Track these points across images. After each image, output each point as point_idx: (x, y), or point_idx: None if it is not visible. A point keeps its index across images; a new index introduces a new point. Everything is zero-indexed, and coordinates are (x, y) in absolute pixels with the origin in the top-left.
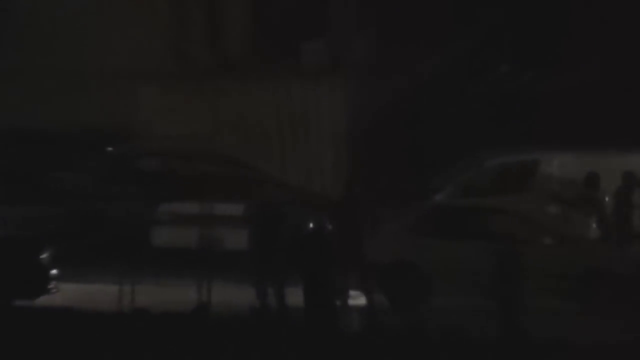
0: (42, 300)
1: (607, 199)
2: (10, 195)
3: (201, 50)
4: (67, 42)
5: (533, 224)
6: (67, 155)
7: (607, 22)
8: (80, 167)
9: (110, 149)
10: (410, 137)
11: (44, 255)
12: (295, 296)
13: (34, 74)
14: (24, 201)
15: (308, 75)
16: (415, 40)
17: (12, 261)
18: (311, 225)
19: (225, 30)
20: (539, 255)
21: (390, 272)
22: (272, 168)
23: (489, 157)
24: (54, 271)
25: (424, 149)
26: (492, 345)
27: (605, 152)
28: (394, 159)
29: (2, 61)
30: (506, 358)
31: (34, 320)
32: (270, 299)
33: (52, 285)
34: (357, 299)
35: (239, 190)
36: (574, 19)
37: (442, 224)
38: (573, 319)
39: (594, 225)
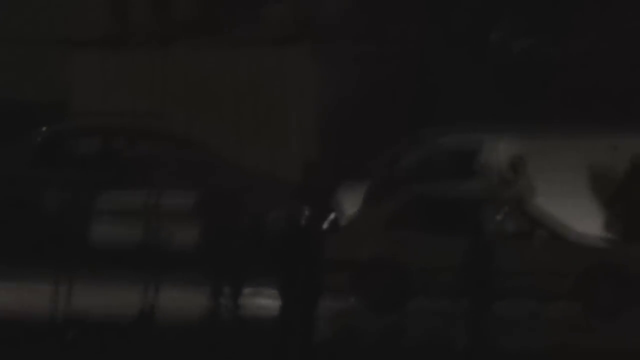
0: None
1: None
2: None
3: (146, 14)
4: None
5: (531, 217)
6: None
7: None
8: (6, 148)
9: (41, 127)
10: (377, 110)
11: None
12: (253, 297)
13: None
14: None
15: (269, 43)
16: (388, 4)
17: None
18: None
19: None
20: (537, 251)
21: (366, 270)
22: (229, 149)
23: (438, 136)
24: None
25: (389, 124)
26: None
27: (559, 135)
28: (363, 134)
29: None
30: None
31: None
32: (225, 300)
33: None
34: (328, 301)
35: (190, 176)
36: None
37: (424, 215)
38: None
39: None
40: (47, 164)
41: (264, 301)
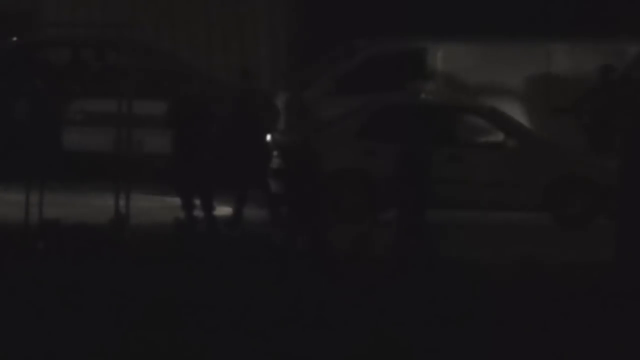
0: None
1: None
2: None
3: None
4: None
5: (508, 125)
6: None
7: None
8: None
9: (11, 37)
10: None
11: None
12: (225, 208)
13: None
14: None
15: None
16: None
17: None
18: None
19: None
20: (511, 160)
21: (339, 180)
22: (199, 59)
23: (365, 45)
24: None
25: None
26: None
27: (498, 42)
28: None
29: None
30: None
31: None
32: (197, 211)
33: None
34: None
35: (161, 85)
36: None
37: (396, 125)
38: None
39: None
40: (17, 74)
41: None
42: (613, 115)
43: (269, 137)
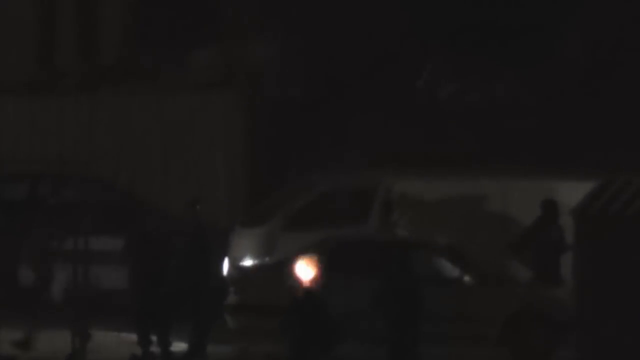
0: None
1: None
2: None
3: (72, 59)
4: None
5: (465, 260)
6: None
7: None
8: None
9: None
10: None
11: None
12: (182, 343)
13: None
14: None
15: (198, 87)
16: (317, 49)
17: None
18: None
19: (101, 37)
20: (464, 296)
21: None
22: (156, 194)
23: (320, 180)
24: None
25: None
26: None
27: (459, 178)
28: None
29: None
30: None
31: None
32: (154, 347)
33: None
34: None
35: (118, 221)
36: None
37: (352, 259)
38: None
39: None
40: None
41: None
42: (561, 249)
43: (225, 271)
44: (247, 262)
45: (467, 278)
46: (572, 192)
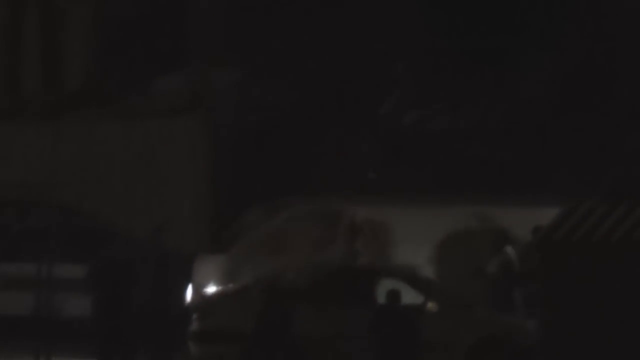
0: None
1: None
2: None
3: (36, 85)
4: None
5: (428, 286)
6: None
7: None
8: None
9: None
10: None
11: None
12: None
13: None
14: None
15: (163, 113)
16: (282, 74)
17: None
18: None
19: (66, 62)
20: (426, 323)
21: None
22: (120, 221)
23: (286, 205)
24: None
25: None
26: None
27: (422, 204)
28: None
29: None
30: None
31: None
32: None
33: None
34: None
35: (82, 247)
36: None
37: (316, 288)
38: None
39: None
40: None
41: None
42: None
43: (188, 298)
44: (211, 289)
45: (430, 305)
46: (529, 219)
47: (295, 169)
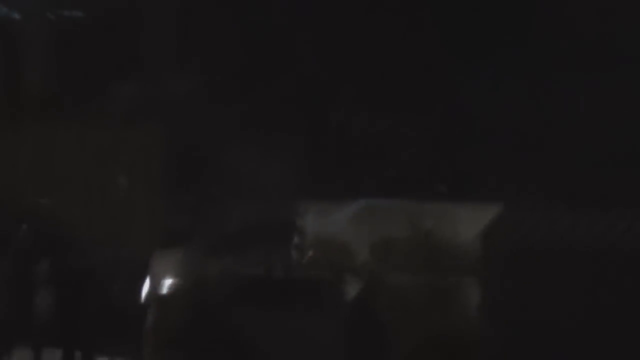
0: None
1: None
2: None
3: None
4: None
5: (397, 293)
6: None
7: None
8: None
9: None
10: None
11: None
12: None
13: None
14: None
15: (117, 120)
16: (233, 85)
17: None
18: None
19: (20, 70)
20: (401, 326)
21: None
22: (78, 223)
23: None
24: None
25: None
26: None
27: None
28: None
29: None
30: None
31: None
32: None
33: None
34: None
35: (39, 250)
36: None
37: (285, 294)
38: None
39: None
40: None
41: None
42: None
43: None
44: (167, 283)
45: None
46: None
47: (248, 176)
